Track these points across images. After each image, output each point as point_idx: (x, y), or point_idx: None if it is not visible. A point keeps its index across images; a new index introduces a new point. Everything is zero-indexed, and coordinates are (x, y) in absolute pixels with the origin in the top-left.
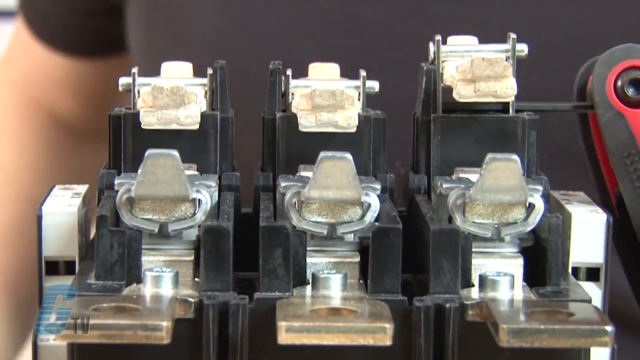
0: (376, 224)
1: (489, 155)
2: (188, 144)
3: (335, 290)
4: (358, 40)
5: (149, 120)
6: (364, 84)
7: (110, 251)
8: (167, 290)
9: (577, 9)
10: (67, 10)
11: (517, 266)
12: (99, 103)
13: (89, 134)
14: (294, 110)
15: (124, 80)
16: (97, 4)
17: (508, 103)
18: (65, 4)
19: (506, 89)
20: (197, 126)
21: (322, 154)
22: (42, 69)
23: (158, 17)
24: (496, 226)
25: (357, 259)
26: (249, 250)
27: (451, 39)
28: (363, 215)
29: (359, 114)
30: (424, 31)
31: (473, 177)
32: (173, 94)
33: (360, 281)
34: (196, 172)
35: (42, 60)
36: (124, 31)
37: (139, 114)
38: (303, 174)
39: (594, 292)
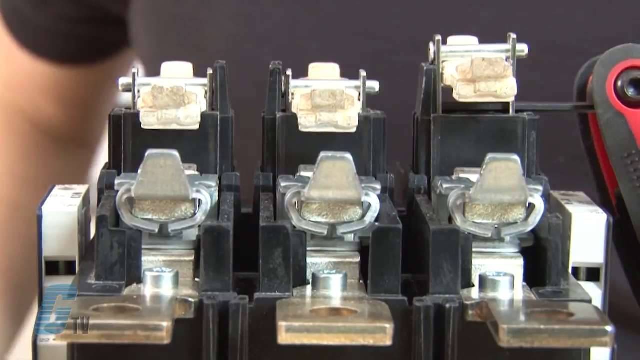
0: (376, 224)
1: (489, 155)
2: (188, 144)
3: (335, 291)
4: (371, 46)
5: (149, 120)
6: (364, 84)
7: (110, 251)
8: (167, 290)
9: (580, 11)
10: (53, 18)
11: (517, 266)
12: (83, 109)
13: (72, 139)
14: (294, 110)
15: (124, 80)
16: (87, 12)
17: (508, 103)
18: (52, 12)
19: (506, 89)
20: (197, 126)
21: (322, 154)
22: (25, 76)
23: (168, 25)
24: (496, 226)
25: (357, 259)
26: (249, 250)
27: (451, 39)
28: (363, 215)
29: (359, 114)
30: (432, 35)
31: (473, 177)
32: (173, 94)
33: (360, 281)
34: (196, 172)
35: (25, 67)
36: (115, 37)
37: (139, 114)
38: (303, 174)
39: (594, 292)
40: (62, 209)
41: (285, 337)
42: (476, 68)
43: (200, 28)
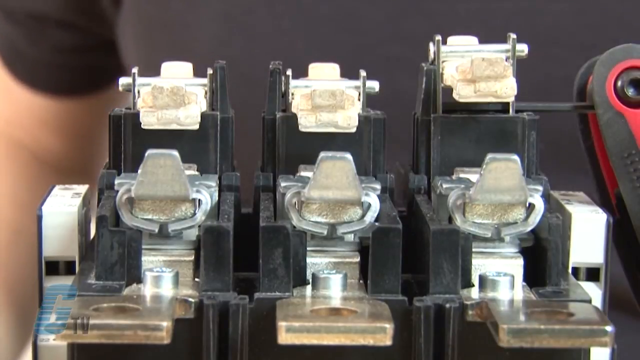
0: (376, 224)
1: (489, 155)
2: (188, 144)
3: (335, 290)
4: (358, 40)
5: (149, 120)
6: (364, 84)
7: (110, 251)
8: (167, 290)
9: (572, 1)
10: (49, 50)
11: (517, 266)
12: (82, 140)
13: (73, 170)
14: (294, 110)
15: (124, 80)
16: (81, 39)
17: (508, 103)
18: (47, 44)
19: (506, 89)
20: (197, 126)
21: (322, 154)
22: (24, 111)
23: (157, 31)
24: (496, 226)
25: (357, 259)
26: (249, 250)
27: (451, 39)
28: (363, 215)
29: (359, 114)
30: (423, 27)
31: (473, 177)
32: (173, 94)
33: (360, 281)
34: (196, 172)
35: (23, 101)
36: (111, 66)
37: (139, 114)
38: (303, 174)
39: (594, 292)
40: (62, 209)
41: (285, 337)
42: (476, 68)
43: (188, 31)
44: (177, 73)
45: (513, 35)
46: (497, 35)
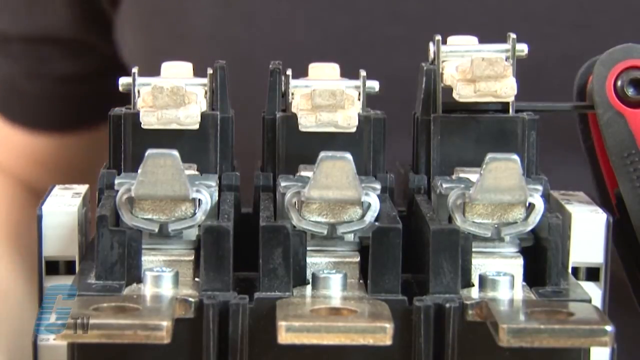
0: (376, 224)
1: (489, 155)
2: (188, 144)
3: (335, 290)
4: (357, 20)
5: (149, 120)
6: (364, 84)
7: (110, 251)
8: (167, 290)
9: None
10: (51, 81)
11: (517, 266)
12: (81, 174)
13: None
14: (294, 110)
15: (124, 80)
16: (80, 65)
17: (508, 103)
18: (48, 73)
19: (506, 88)
20: (197, 126)
21: (322, 154)
22: (21, 152)
23: (156, 19)
24: (496, 226)
25: (357, 259)
26: (249, 250)
27: (451, 39)
28: (363, 215)
29: (359, 114)
30: (420, 6)
31: (473, 177)
32: (173, 94)
33: (360, 281)
34: (196, 172)
35: (19, 144)
36: (109, 92)
37: (139, 114)
38: (303, 174)
39: (594, 292)
40: (62, 209)
41: (285, 337)
42: (476, 68)
43: (187, 17)
44: (177, 73)
45: (513, 35)
46: (493, 12)
